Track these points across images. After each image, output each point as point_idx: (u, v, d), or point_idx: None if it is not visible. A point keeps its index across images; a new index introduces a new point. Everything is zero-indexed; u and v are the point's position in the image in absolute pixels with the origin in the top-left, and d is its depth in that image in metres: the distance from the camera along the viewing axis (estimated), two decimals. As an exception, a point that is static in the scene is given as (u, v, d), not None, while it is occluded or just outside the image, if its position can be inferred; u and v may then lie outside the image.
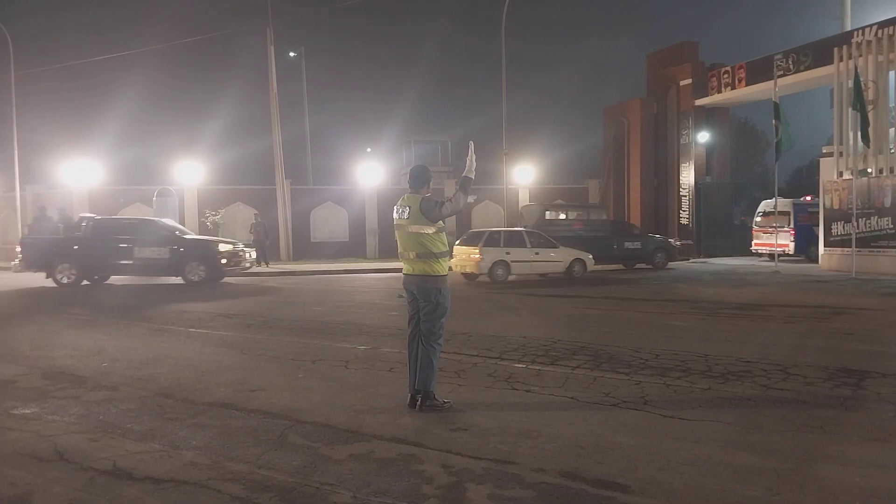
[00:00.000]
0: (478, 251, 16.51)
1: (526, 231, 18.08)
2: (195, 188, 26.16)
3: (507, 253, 16.79)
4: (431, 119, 68.84)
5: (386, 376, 6.36)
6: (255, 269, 19.75)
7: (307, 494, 3.61)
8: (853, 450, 4.24)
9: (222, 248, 16.79)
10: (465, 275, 17.18)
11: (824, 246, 19.96)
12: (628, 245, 20.83)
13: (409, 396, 5.30)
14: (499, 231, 17.91)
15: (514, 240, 17.26)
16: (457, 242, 17.52)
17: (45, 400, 5.60)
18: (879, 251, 17.94)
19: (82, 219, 17.17)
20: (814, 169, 31.61)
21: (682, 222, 27.36)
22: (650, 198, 28.95)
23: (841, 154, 19.27)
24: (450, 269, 5.49)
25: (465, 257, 16.82)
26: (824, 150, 21.06)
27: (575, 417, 4.96)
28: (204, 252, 16.62)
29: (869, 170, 18.51)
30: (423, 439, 4.49)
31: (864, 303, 11.90)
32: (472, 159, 5.40)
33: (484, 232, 17.74)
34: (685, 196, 27.53)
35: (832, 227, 19.40)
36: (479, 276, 16.83)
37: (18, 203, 25.67)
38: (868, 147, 18.06)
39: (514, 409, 5.23)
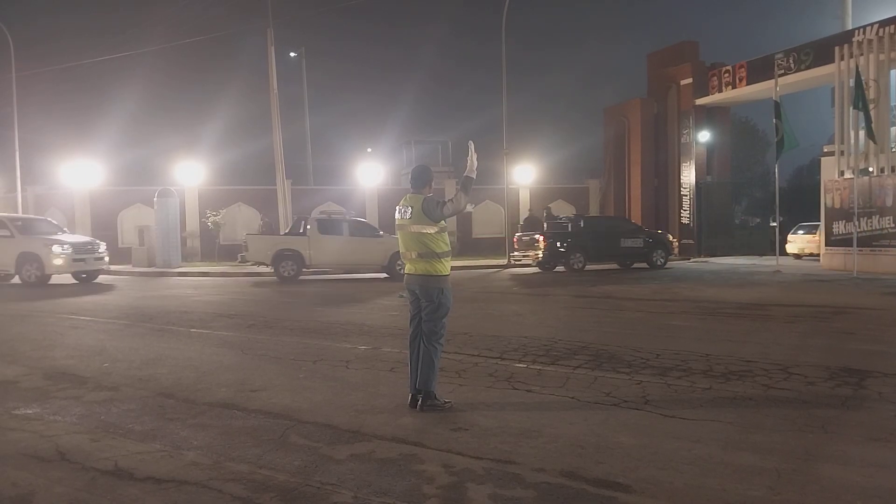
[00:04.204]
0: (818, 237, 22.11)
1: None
2: (196, 188, 26.17)
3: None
4: (431, 119, 68.95)
5: (386, 376, 6.36)
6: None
7: (308, 494, 3.61)
8: (855, 449, 4.23)
9: (670, 237, 22.45)
10: (794, 255, 23.91)
11: (825, 245, 19.94)
12: None
13: (409, 396, 5.30)
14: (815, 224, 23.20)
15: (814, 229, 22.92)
16: (790, 232, 24.27)
17: (47, 400, 5.61)
18: (881, 250, 17.92)
19: (577, 217, 21.85)
20: (815, 168, 31.60)
21: (683, 222, 27.37)
22: (650, 197, 28.94)
23: (842, 153, 19.24)
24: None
25: (807, 241, 23.50)
26: (825, 150, 21.04)
27: (576, 417, 4.95)
28: (664, 241, 21.68)
29: (870, 168, 18.49)
30: (424, 439, 4.49)
31: (866, 302, 11.89)
32: (472, 159, 5.38)
33: (817, 224, 22.63)
34: (686, 195, 27.52)
35: (833, 226, 19.37)
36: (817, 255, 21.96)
37: (20, 204, 25.67)
38: (875, 143, 18.03)
39: (514, 408, 5.23)
